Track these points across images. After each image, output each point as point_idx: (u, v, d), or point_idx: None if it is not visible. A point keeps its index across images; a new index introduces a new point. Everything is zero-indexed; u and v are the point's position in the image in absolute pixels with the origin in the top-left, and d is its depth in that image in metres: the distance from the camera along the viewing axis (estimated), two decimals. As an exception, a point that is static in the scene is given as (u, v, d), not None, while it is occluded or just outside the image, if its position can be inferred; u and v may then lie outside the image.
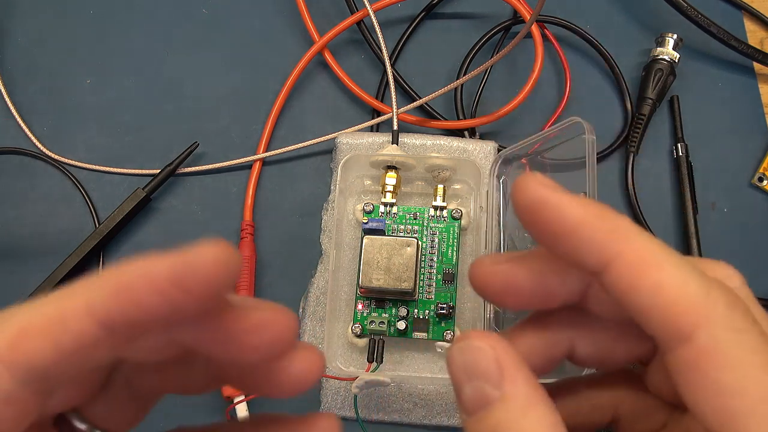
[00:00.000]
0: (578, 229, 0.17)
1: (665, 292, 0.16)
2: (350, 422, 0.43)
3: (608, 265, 0.17)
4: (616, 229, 0.17)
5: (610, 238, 0.17)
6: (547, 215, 0.17)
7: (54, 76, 0.50)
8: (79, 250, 0.44)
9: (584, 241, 0.17)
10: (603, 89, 0.50)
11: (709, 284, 0.16)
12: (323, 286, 0.44)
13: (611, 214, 0.17)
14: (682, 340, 0.16)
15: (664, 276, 0.16)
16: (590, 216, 0.17)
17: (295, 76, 0.48)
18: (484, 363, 0.17)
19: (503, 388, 0.17)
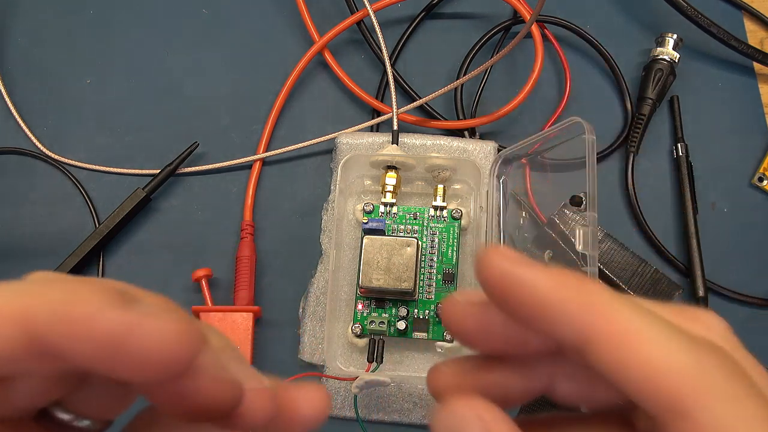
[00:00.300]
0: (550, 305, 0.16)
1: (654, 367, 0.15)
2: (350, 422, 0.43)
3: (588, 343, 0.16)
4: (591, 301, 0.16)
5: (585, 311, 0.16)
6: (515, 292, 0.17)
7: (54, 76, 0.50)
8: (79, 250, 0.44)
9: (559, 317, 0.16)
10: (603, 89, 0.50)
11: (698, 350, 0.15)
12: (323, 286, 0.44)
13: (583, 284, 0.16)
14: (678, 417, 0.15)
15: (649, 349, 0.15)
16: (561, 289, 0.16)
17: (295, 76, 0.48)
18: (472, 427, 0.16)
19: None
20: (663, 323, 0.16)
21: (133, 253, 0.46)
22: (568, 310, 0.16)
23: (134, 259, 0.46)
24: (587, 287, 0.16)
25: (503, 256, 0.17)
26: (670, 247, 0.46)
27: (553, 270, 0.17)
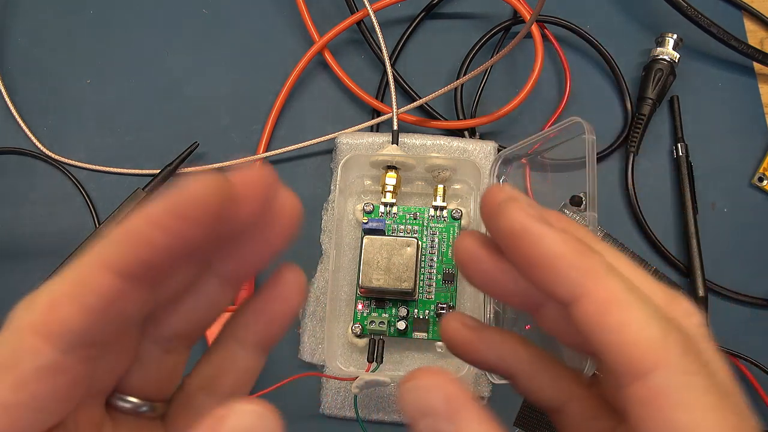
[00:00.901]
0: (555, 263, 0.18)
1: (627, 331, 0.17)
2: (350, 422, 0.43)
3: (578, 300, 0.18)
4: (592, 267, 0.18)
5: (584, 274, 0.18)
6: (527, 244, 0.18)
7: (54, 76, 0.50)
8: (79, 250, 0.44)
9: (559, 274, 0.18)
10: (603, 89, 0.50)
11: (669, 328, 0.17)
12: (323, 286, 0.44)
13: (589, 252, 0.18)
14: (638, 377, 0.17)
15: (628, 316, 0.17)
16: (569, 251, 0.18)
17: (295, 76, 0.48)
18: (435, 401, 0.18)
19: (457, 423, 0.18)
20: (646, 301, 0.18)
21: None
22: (569, 271, 0.18)
23: (134, 259, 0.46)
24: (592, 255, 0.18)
25: (523, 209, 0.19)
26: (670, 247, 0.46)
27: (563, 233, 0.18)
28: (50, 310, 0.16)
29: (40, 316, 0.16)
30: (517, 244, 0.19)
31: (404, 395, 0.19)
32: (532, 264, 0.19)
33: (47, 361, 0.16)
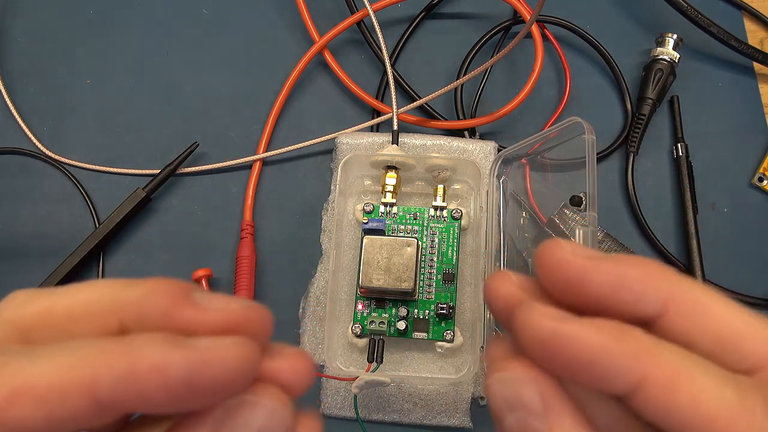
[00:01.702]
0: (599, 359, 0.16)
1: (702, 407, 0.16)
2: (350, 422, 0.43)
3: (637, 389, 0.16)
4: (639, 349, 0.16)
5: (634, 360, 0.16)
6: (562, 351, 0.16)
7: (54, 76, 0.50)
8: (79, 250, 0.44)
9: (607, 369, 0.16)
10: (603, 89, 0.50)
11: (745, 389, 0.16)
12: (323, 286, 0.44)
13: (629, 333, 0.17)
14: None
15: (697, 390, 0.16)
16: (609, 341, 0.16)
17: (295, 76, 0.48)
18: (528, 396, 0.17)
19: (549, 422, 0.17)
20: (710, 365, 0.16)
21: (133, 253, 0.46)
22: (617, 362, 0.16)
23: (134, 259, 0.46)
24: (634, 335, 0.16)
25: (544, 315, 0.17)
26: (670, 247, 0.46)
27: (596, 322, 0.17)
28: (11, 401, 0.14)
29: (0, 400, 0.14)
30: (551, 352, 0.17)
31: (493, 386, 0.18)
32: (576, 368, 0.16)
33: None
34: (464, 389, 0.42)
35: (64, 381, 0.14)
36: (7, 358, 0.15)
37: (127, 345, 0.15)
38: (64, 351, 0.15)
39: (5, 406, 0.14)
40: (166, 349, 0.14)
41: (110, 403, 0.14)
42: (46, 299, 0.17)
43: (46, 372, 0.14)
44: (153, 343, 0.15)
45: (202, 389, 0.15)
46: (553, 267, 0.17)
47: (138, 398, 0.14)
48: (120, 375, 0.14)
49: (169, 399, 0.14)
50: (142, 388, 0.14)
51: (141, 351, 0.14)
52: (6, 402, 0.14)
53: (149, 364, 0.14)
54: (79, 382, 0.14)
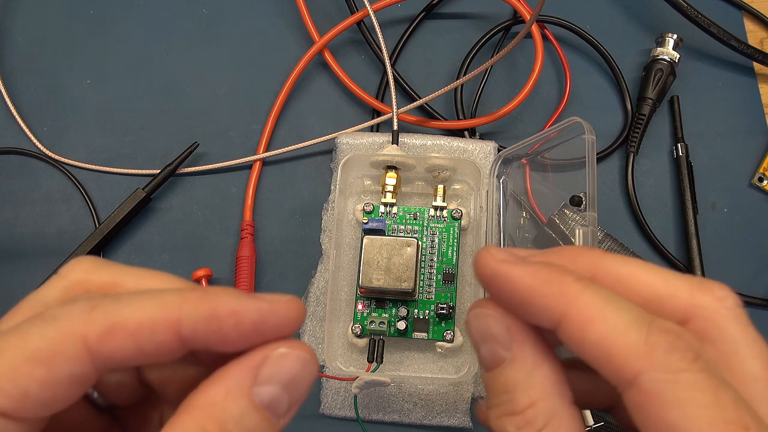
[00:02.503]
0: (529, 296, 0.19)
1: (608, 343, 0.17)
2: (350, 422, 0.43)
3: (558, 325, 0.18)
4: (562, 290, 0.18)
5: (557, 299, 0.18)
6: (502, 287, 0.19)
7: (54, 76, 0.50)
8: (79, 250, 0.44)
9: (536, 305, 0.18)
10: (603, 89, 0.50)
11: (649, 329, 0.17)
12: (323, 286, 0.44)
13: (558, 276, 0.19)
14: (628, 385, 0.17)
15: (605, 328, 0.18)
16: (538, 282, 0.18)
17: (295, 76, 0.48)
18: (496, 328, 0.19)
19: (512, 350, 0.19)
20: (625, 307, 0.18)
21: (133, 253, 0.46)
22: (543, 300, 0.18)
23: (134, 259, 0.46)
24: (561, 278, 0.19)
25: (492, 256, 0.19)
26: (670, 247, 0.46)
27: (532, 265, 0.19)
28: (108, 335, 0.16)
29: (97, 334, 0.16)
30: (496, 289, 0.19)
31: (470, 320, 0.20)
32: (512, 304, 0.19)
33: (82, 374, 0.16)
34: (464, 389, 0.42)
35: (155, 317, 0.17)
36: (99, 300, 0.17)
37: (206, 293, 0.17)
38: (152, 295, 0.17)
39: (102, 339, 0.16)
40: (241, 298, 0.17)
41: (192, 339, 0.17)
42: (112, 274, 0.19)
43: (137, 311, 0.17)
44: (229, 293, 0.17)
45: (264, 332, 0.17)
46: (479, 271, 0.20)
47: (214, 336, 0.17)
48: (203, 316, 0.17)
49: (238, 338, 0.17)
50: (220, 327, 0.17)
51: (220, 298, 0.17)
52: (103, 335, 0.16)
53: (228, 308, 0.17)
54: (166, 320, 0.17)
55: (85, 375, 0.17)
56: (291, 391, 0.17)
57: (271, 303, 0.18)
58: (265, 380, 0.17)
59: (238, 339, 0.17)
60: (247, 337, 0.17)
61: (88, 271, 0.19)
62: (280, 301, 0.18)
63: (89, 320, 0.16)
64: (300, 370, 0.18)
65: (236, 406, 0.17)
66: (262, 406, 0.17)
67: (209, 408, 0.17)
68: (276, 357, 0.17)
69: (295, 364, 0.18)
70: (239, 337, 0.17)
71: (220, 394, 0.17)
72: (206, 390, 0.17)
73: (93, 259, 0.19)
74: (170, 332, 0.17)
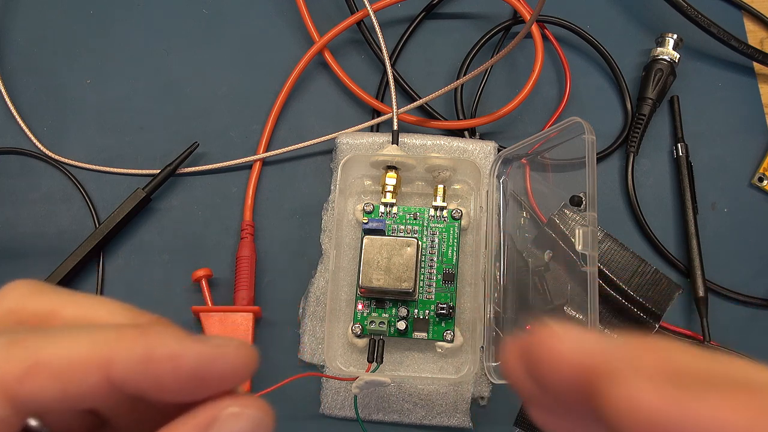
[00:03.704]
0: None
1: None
2: (350, 422, 0.43)
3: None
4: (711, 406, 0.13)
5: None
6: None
7: (54, 76, 0.50)
8: (79, 250, 0.44)
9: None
10: (603, 89, 0.50)
11: None
12: (323, 286, 0.44)
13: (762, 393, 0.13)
14: None
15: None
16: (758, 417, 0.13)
17: (295, 76, 0.48)
18: None
19: None
20: None
21: (133, 253, 0.46)
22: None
23: (134, 259, 0.46)
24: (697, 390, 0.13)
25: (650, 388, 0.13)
26: (670, 247, 0.46)
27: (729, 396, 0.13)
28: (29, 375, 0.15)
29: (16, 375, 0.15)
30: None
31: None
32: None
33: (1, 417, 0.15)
34: (464, 389, 0.42)
35: (82, 358, 0.15)
36: (22, 335, 0.15)
37: (144, 332, 0.15)
38: (81, 332, 0.15)
39: (22, 380, 0.15)
40: (182, 340, 0.15)
41: (123, 383, 0.15)
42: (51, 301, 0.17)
43: (63, 349, 0.15)
44: (170, 334, 0.15)
45: (207, 381, 0.16)
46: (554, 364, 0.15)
47: (149, 381, 0.15)
48: (137, 358, 0.15)
49: (176, 386, 0.15)
50: (156, 372, 0.15)
51: (159, 338, 0.15)
52: (23, 376, 0.15)
53: (166, 351, 0.15)
54: (96, 360, 0.15)
55: (5, 418, 0.15)
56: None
57: (216, 348, 0.16)
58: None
59: (176, 387, 0.15)
60: (187, 386, 0.15)
61: (23, 296, 0.17)
62: (228, 346, 0.16)
63: (7, 358, 0.15)
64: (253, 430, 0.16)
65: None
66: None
67: None
68: (225, 417, 0.16)
69: (247, 425, 0.16)
70: (178, 384, 0.15)
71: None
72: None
73: (30, 284, 0.17)
74: (99, 374, 0.15)
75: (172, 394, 0.16)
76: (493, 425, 0.43)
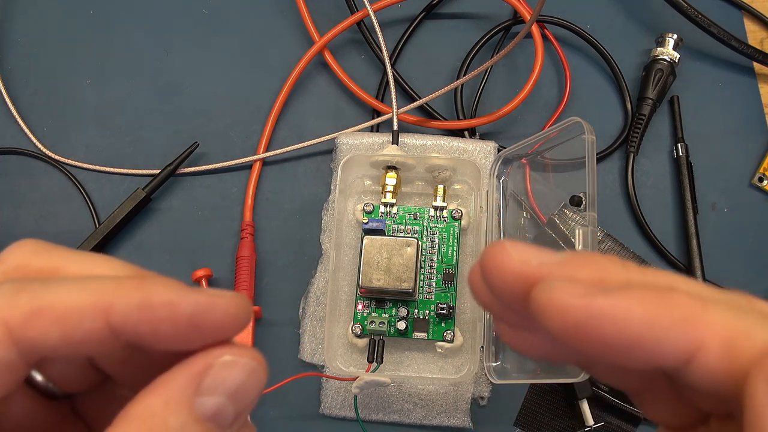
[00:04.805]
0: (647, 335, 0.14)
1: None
2: (350, 422, 0.43)
3: (693, 359, 0.14)
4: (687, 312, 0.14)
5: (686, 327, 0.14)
6: (599, 333, 0.14)
7: (54, 76, 0.50)
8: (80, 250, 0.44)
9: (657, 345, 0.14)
10: (603, 89, 0.50)
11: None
12: (323, 286, 0.44)
13: (670, 293, 0.15)
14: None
15: (759, 346, 0.14)
16: (654, 311, 0.14)
17: (295, 76, 0.48)
18: None
19: None
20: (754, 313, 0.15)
21: (133, 253, 0.46)
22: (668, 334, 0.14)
23: (134, 259, 0.46)
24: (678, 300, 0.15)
25: (569, 291, 0.15)
26: (670, 247, 0.46)
27: (634, 292, 0.15)
28: (33, 319, 0.15)
29: (20, 319, 0.15)
30: (589, 335, 0.15)
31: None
32: (614, 348, 0.15)
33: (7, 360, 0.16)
34: (464, 389, 0.42)
35: (82, 304, 0.16)
36: (25, 284, 0.16)
37: (142, 281, 0.16)
38: (83, 281, 0.16)
39: (25, 324, 0.15)
40: (179, 289, 0.16)
41: (122, 328, 0.16)
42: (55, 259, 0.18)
43: (65, 296, 0.16)
44: (168, 284, 0.16)
45: (202, 329, 0.16)
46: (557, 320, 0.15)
47: (146, 327, 0.16)
48: (135, 304, 0.16)
49: (173, 333, 0.16)
50: (153, 318, 0.16)
51: (156, 287, 0.16)
52: (26, 320, 0.15)
53: (163, 299, 0.16)
54: (97, 306, 0.16)
55: (11, 362, 0.16)
56: (237, 402, 0.16)
57: (211, 297, 0.16)
58: (208, 390, 0.16)
59: (173, 334, 0.16)
60: (183, 333, 0.16)
61: (28, 255, 0.18)
62: (222, 296, 0.16)
63: (12, 304, 0.16)
64: (246, 379, 0.16)
65: (176, 418, 0.15)
66: (204, 418, 0.16)
67: (148, 419, 0.15)
68: (220, 365, 0.16)
69: (240, 373, 0.16)
70: (174, 331, 0.16)
71: (159, 404, 0.16)
72: (144, 399, 0.16)
73: (35, 243, 0.18)
74: (99, 319, 0.16)
75: (168, 342, 0.16)
76: (493, 425, 0.43)
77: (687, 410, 0.18)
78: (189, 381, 0.16)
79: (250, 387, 0.16)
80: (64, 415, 0.20)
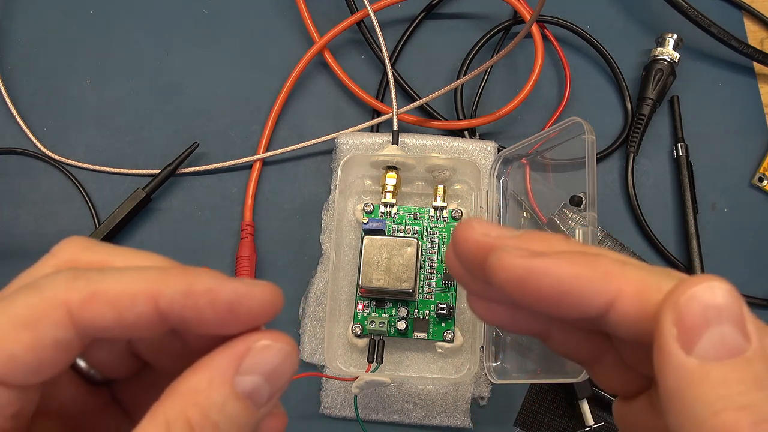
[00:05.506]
0: (575, 286, 0.17)
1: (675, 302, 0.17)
2: (350, 422, 0.43)
3: (612, 306, 0.17)
4: (607, 269, 0.18)
5: (605, 280, 0.17)
6: (537, 285, 0.18)
7: (54, 76, 0.50)
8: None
9: (583, 294, 0.17)
10: (603, 89, 0.50)
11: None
12: (323, 286, 0.44)
13: (595, 256, 0.18)
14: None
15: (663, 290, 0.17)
16: (580, 268, 0.18)
17: (295, 76, 0.48)
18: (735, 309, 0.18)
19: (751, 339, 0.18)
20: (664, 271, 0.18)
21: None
22: (591, 286, 0.17)
23: (134, 259, 0.46)
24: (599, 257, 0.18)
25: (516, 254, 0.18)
26: (670, 247, 0.46)
27: (564, 254, 0.18)
28: (91, 301, 0.17)
29: (80, 300, 0.17)
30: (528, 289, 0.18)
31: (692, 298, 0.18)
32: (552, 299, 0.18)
33: (65, 339, 0.17)
34: (464, 389, 0.42)
35: (134, 289, 0.17)
36: (83, 271, 0.18)
37: (186, 270, 0.18)
38: (134, 270, 0.18)
39: (83, 306, 0.17)
40: (219, 278, 0.18)
41: (168, 313, 0.17)
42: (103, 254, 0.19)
43: (119, 282, 0.17)
44: (209, 274, 0.18)
45: (240, 315, 0.18)
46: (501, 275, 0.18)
47: (190, 312, 0.17)
48: (181, 290, 0.17)
49: (213, 317, 0.17)
50: (196, 304, 0.17)
51: (199, 276, 0.18)
52: (84, 303, 0.17)
53: (204, 286, 0.17)
54: (147, 292, 0.17)
55: (68, 341, 0.17)
56: (272, 382, 0.18)
57: (248, 286, 0.18)
58: (247, 370, 0.17)
59: (213, 318, 0.18)
60: (222, 318, 0.18)
61: (78, 250, 0.19)
62: (258, 285, 0.18)
63: (71, 288, 0.17)
64: (281, 361, 0.18)
65: (219, 394, 0.17)
66: (243, 395, 0.17)
67: (192, 395, 0.17)
68: (259, 348, 0.18)
69: (276, 356, 0.18)
70: (215, 316, 0.17)
71: (204, 381, 0.17)
72: (189, 377, 0.17)
73: (84, 239, 0.20)
74: (149, 304, 0.17)
75: (209, 326, 0.18)
76: (493, 425, 0.43)
77: (632, 377, 0.20)
78: (231, 361, 0.17)
79: (285, 369, 0.18)
80: (104, 401, 0.21)
